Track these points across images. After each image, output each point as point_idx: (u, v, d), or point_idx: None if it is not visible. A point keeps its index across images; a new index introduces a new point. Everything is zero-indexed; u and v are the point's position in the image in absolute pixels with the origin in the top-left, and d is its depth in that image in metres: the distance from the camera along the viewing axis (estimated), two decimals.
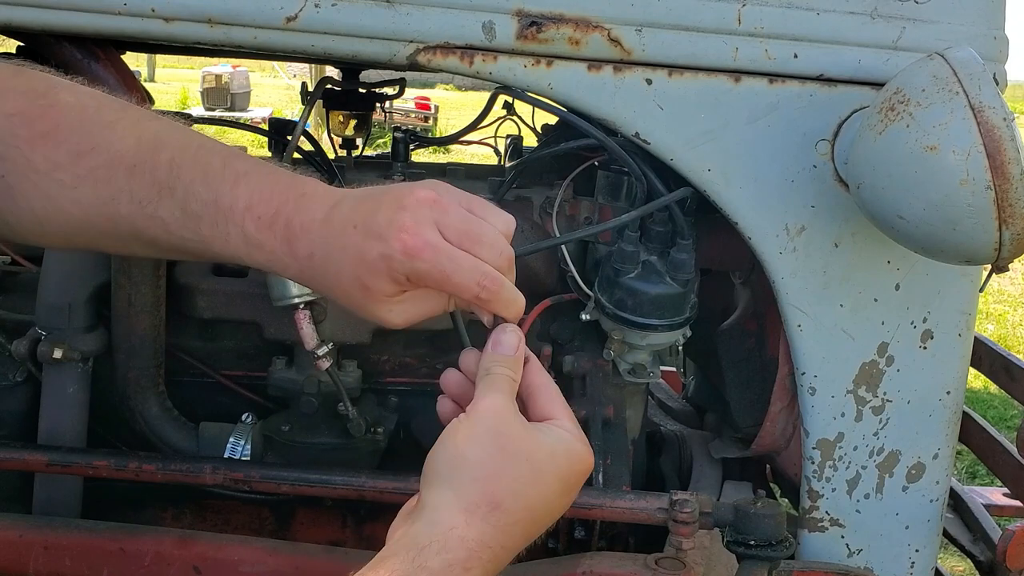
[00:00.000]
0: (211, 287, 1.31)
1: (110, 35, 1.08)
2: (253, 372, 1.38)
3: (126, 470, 1.17)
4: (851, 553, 1.25)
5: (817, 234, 1.15)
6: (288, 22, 1.05)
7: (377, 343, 1.34)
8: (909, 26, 1.11)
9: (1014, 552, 1.30)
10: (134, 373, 1.28)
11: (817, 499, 1.24)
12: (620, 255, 1.18)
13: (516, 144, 1.72)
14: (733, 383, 1.46)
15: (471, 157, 5.30)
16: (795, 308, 1.17)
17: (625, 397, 1.39)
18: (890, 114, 0.95)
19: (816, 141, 1.12)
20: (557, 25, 1.08)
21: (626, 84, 1.11)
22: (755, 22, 1.10)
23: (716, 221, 1.20)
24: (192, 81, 13.83)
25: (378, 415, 1.35)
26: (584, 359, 1.35)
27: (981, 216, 0.90)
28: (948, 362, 1.22)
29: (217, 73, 12.04)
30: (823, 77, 1.11)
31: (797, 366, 1.20)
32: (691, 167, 1.13)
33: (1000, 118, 0.89)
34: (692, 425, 1.69)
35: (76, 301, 1.27)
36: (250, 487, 1.18)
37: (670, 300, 1.18)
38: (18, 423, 1.32)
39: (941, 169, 0.91)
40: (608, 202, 1.28)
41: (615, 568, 1.15)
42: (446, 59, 1.08)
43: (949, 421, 1.24)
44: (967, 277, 1.20)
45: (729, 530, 1.11)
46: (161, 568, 1.15)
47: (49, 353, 1.24)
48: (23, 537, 1.16)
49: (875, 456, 1.23)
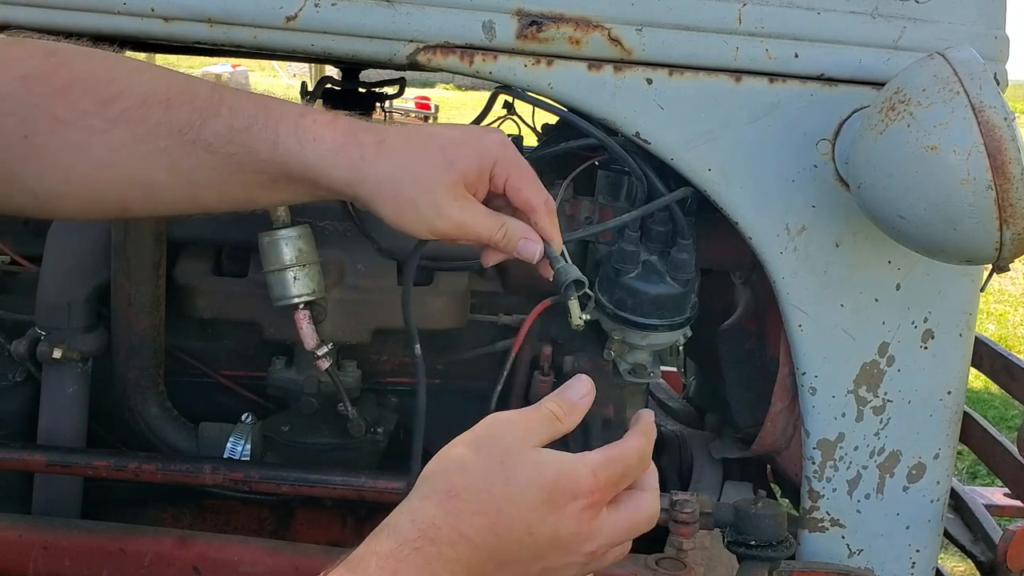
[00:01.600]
0: (211, 287, 1.31)
1: (110, 35, 1.08)
2: (253, 372, 1.38)
3: (126, 470, 1.17)
4: (852, 553, 1.25)
5: (818, 234, 1.15)
6: (288, 22, 1.05)
7: (377, 343, 1.34)
8: (910, 26, 1.11)
9: (1015, 552, 1.30)
10: (134, 373, 1.28)
11: (818, 499, 1.24)
12: (620, 255, 1.18)
13: (516, 144, 1.72)
14: (733, 383, 1.46)
15: None
16: (796, 308, 1.17)
17: (625, 397, 1.38)
18: (891, 114, 0.95)
19: (817, 141, 1.12)
20: (557, 24, 1.08)
21: (626, 84, 1.10)
22: (756, 22, 1.10)
23: (716, 221, 1.19)
24: None
25: (378, 415, 1.35)
26: (584, 359, 1.35)
27: (982, 216, 0.90)
28: (949, 362, 1.22)
29: (217, 73, 12.05)
30: (824, 77, 1.11)
31: (798, 366, 1.20)
32: (691, 167, 1.13)
33: (1001, 118, 0.89)
34: (692, 425, 1.69)
35: (76, 301, 1.27)
36: (250, 487, 1.18)
37: (670, 300, 1.18)
38: (18, 423, 1.32)
39: (942, 169, 0.91)
40: (608, 202, 1.28)
41: (615, 568, 1.14)
42: (446, 59, 1.08)
43: (950, 421, 1.24)
44: (968, 277, 1.20)
45: (729, 530, 1.11)
46: (161, 568, 1.15)
47: (49, 353, 1.24)
48: (23, 537, 1.16)
49: (876, 456, 1.23)
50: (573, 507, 0.67)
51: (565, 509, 0.67)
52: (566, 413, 0.72)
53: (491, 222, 0.84)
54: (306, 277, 1.13)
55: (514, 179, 0.85)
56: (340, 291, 1.26)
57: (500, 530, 0.65)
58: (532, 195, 0.86)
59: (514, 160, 0.85)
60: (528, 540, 0.66)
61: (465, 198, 0.83)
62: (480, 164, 0.83)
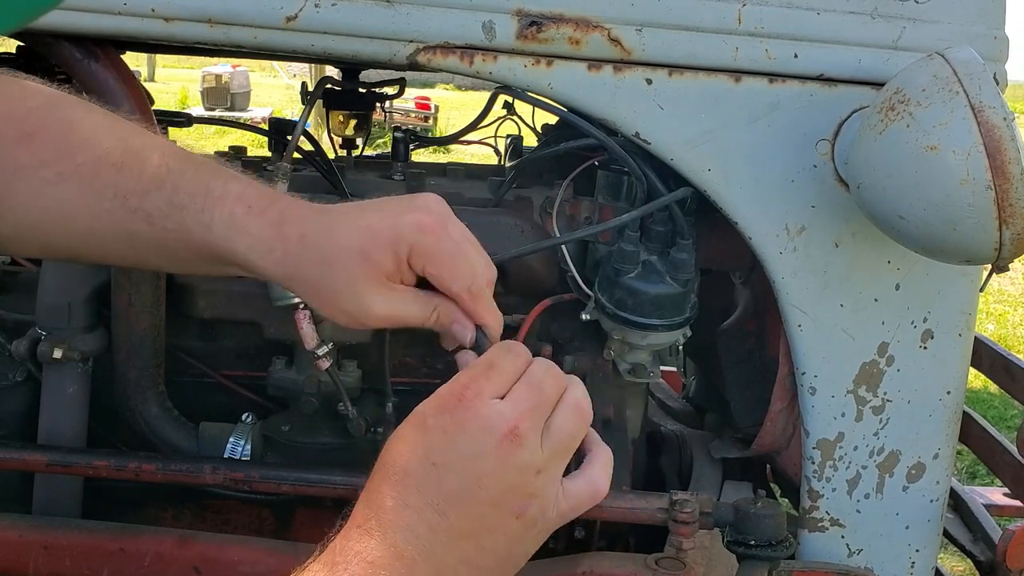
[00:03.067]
0: (211, 287, 1.31)
1: (110, 35, 1.08)
2: (253, 372, 1.38)
3: (126, 470, 1.17)
4: (851, 553, 1.25)
5: (817, 234, 1.15)
6: (288, 22, 1.05)
7: (377, 343, 1.34)
8: (909, 26, 1.11)
9: (1014, 552, 1.30)
10: (134, 373, 1.28)
11: (817, 499, 1.24)
12: (620, 255, 1.18)
13: (516, 144, 1.72)
14: (733, 383, 1.46)
15: (471, 157, 5.29)
16: (795, 308, 1.17)
17: (625, 397, 1.38)
18: (890, 114, 0.95)
19: (816, 141, 1.12)
20: (557, 25, 1.08)
21: (626, 84, 1.10)
22: (755, 22, 1.10)
23: (716, 221, 1.20)
24: (192, 81, 13.82)
25: (378, 415, 1.35)
26: (584, 359, 1.35)
27: (981, 216, 0.90)
28: (948, 362, 1.22)
29: (217, 73, 12.05)
30: (823, 77, 1.11)
31: (797, 366, 1.20)
32: (691, 167, 1.13)
33: (1000, 118, 0.89)
34: (692, 425, 1.69)
35: (76, 301, 1.27)
36: (250, 487, 1.18)
37: (670, 300, 1.18)
38: (18, 423, 1.32)
39: (941, 169, 0.91)
40: (608, 202, 1.28)
41: (615, 568, 1.15)
42: (446, 59, 1.08)
43: (949, 421, 1.24)
44: (967, 277, 1.20)
45: (729, 530, 1.11)
46: (161, 568, 1.15)
47: (49, 353, 1.24)
48: (23, 537, 1.16)
49: (875, 456, 1.23)
50: (469, 404, 0.70)
51: (461, 411, 0.70)
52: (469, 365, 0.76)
53: (419, 309, 0.82)
54: None
55: (431, 268, 0.80)
56: None
57: (457, 484, 0.69)
58: (452, 282, 0.81)
59: (431, 245, 0.79)
60: (486, 478, 0.69)
61: (388, 288, 0.80)
62: (395, 254, 0.79)
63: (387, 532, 0.66)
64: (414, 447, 0.69)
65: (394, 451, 0.70)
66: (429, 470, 0.68)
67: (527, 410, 0.71)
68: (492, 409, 0.70)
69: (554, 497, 0.72)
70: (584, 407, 0.75)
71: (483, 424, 0.69)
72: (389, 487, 0.68)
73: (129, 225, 0.80)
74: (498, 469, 0.69)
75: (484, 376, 0.73)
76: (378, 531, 0.66)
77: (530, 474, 0.70)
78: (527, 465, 0.70)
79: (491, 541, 0.70)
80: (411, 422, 0.72)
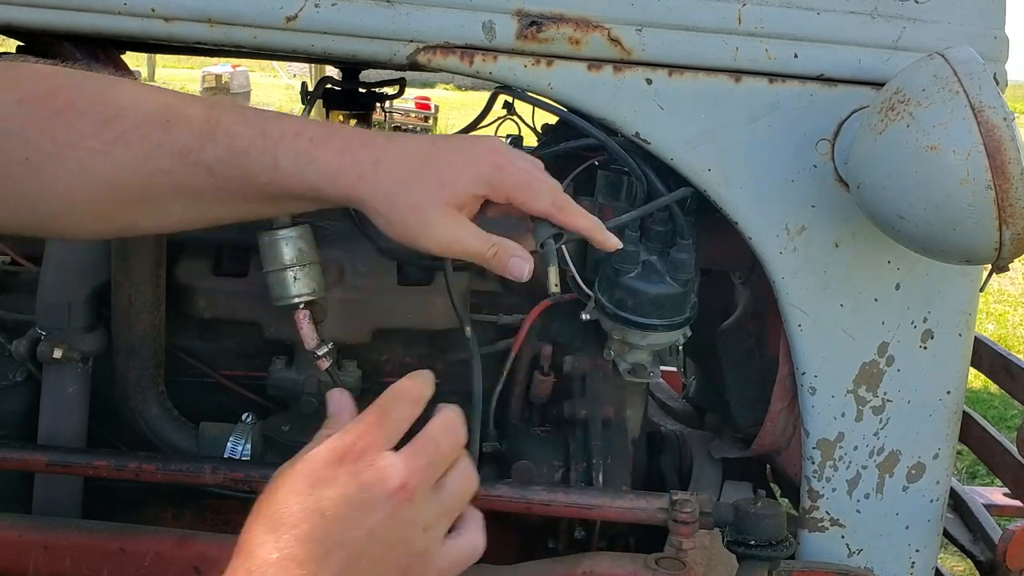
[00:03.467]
0: (211, 287, 1.31)
1: (110, 35, 1.08)
2: (253, 372, 1.38)
3: (126, 470, 1.17)
4: (851, 553, 1.25)
5: (817, 234, 1.15)
6: (288, 22, 1.05)
7: (377, 343, 1.34)
8: (909, 26, 1.11)
9: (1014, 552, 1.30)
10: (134, 373, 1.28)
11: (817, 499, 1.24)
12: (620, 255, 1.18)
13: (516, 144, 1.72)
14: (733, 383, 1.46)
15: None
16: (795, 308, 1.17)
17: (625, 397, 1.38)
18: (890, 114, 0.95)
19: (816, 141, 1.12)
20: (557, 25, 1.08)
21: (626, 84, 1.11)
22: (755, 22, 1.10)
23: (716, 221, 1.20)
24: (192, 81, 13.83)
25: None
26: (584, 359, 1.35)
27: (981, 216, 0.90)
28: (948, 362, 1.22)
29: (217, 73, 12.06)
30: (823, 77, 1.11)
31: (797, 366, 1.20)
32: (691, 167, 1.13)
33: (1000, 118, 0.89)
34: (692, 425, 1.69)
35: (76, 301, 1.27)
36: (250, 487, 1.18)
37: (670, 300, 1.18)
38: (18, 423, 1.32)
39: (941, 169, 0.91)
40: (608, 202, 1.28)
41: (615, 568, 1.15)
42: (446, 59, 1.08)
43: (949, 421, 1.24)
44: (967, 277, 1.20)
45: (729, 530, 1.11)
46: (161, 568, 1.15)
47: (49, 353, 1.24)
48: (23, 537, 1.16)
49: (875, 456, 1.23)
50: (343, 464, 0.69)
51: (352, 463, 0.69)
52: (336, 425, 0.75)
53: (480, 242, 0.88)
54: (306, 277, 1.13)
55: (515, 194, 0.88)
56: (340, 291, 1.27)
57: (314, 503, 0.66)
58: (537, 202, 0.89)
59: (508, 179, 0.88)
60: (312, 501, 0.66)
61: (456, 218, 0.86)
62: (473, 190, 0.87)
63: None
64: (303, 498, 0.66)
65: (280, 500, 0.67)
66: (317, 522, 0.65)
67: (420, 467, 0.70)
68: (386, 461, 0.69)
69: (436, 556, 0.71)
70: (472, 471, 0.75)
71: (376, 476, 0.68)
72: (274, 538, 0.64)
73: (191, 180, 0.82)
74: (387, 522, 0.67)
75: (377, 425, 0.72)
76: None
77: (417, 530, 0.69)
78: (415, 521, 0.69)
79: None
80: (300, 470, 0.69)
